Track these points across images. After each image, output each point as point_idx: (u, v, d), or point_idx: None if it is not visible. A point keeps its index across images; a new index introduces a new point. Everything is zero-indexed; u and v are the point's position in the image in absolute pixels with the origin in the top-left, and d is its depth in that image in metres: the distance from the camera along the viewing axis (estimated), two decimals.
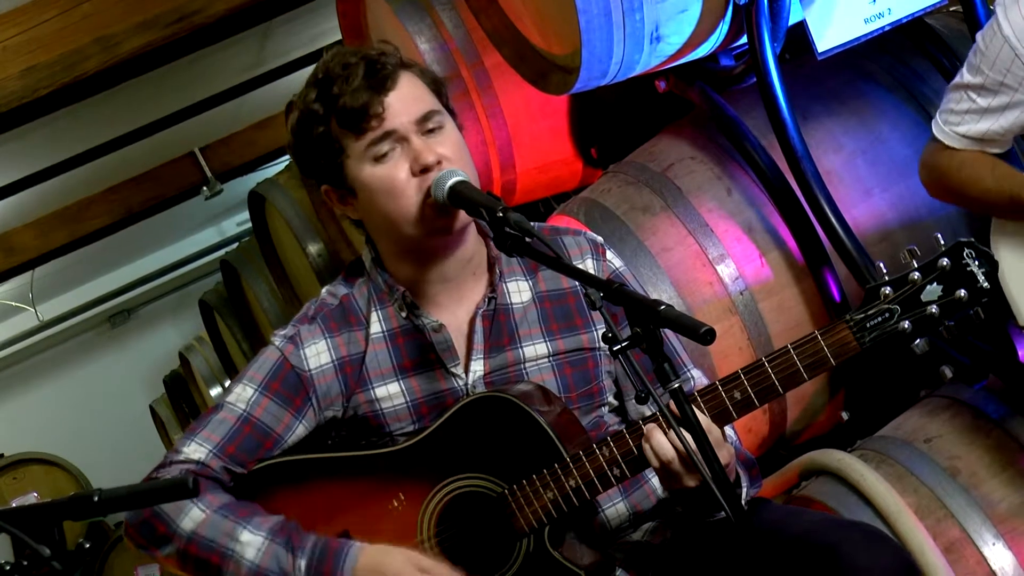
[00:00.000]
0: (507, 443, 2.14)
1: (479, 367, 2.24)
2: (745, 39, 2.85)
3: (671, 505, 2.29)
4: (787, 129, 2.81)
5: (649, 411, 2.13)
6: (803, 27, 2.85)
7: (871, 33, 2.88)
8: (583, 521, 2.22)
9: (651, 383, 1.85)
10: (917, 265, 1.98)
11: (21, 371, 9.76)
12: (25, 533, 1.68)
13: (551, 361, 2.26)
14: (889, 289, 1.99)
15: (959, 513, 2.56)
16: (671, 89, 3.16)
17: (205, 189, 6.79)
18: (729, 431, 2.18)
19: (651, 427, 2.03)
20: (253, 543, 2.13)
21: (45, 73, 3.82)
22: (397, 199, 2.15)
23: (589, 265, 2.30)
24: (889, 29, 2.90)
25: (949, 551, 2.52)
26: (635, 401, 2.02)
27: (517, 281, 2.30)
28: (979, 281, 1.96)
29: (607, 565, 2.20)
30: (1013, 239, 2.47)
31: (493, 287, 2.25)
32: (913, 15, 2.91)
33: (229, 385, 2.32)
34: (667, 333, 2.18)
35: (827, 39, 2.85)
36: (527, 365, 2.25)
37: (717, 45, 2.91)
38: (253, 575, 2.12)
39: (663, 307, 1.81)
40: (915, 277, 1.98)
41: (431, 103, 2.19)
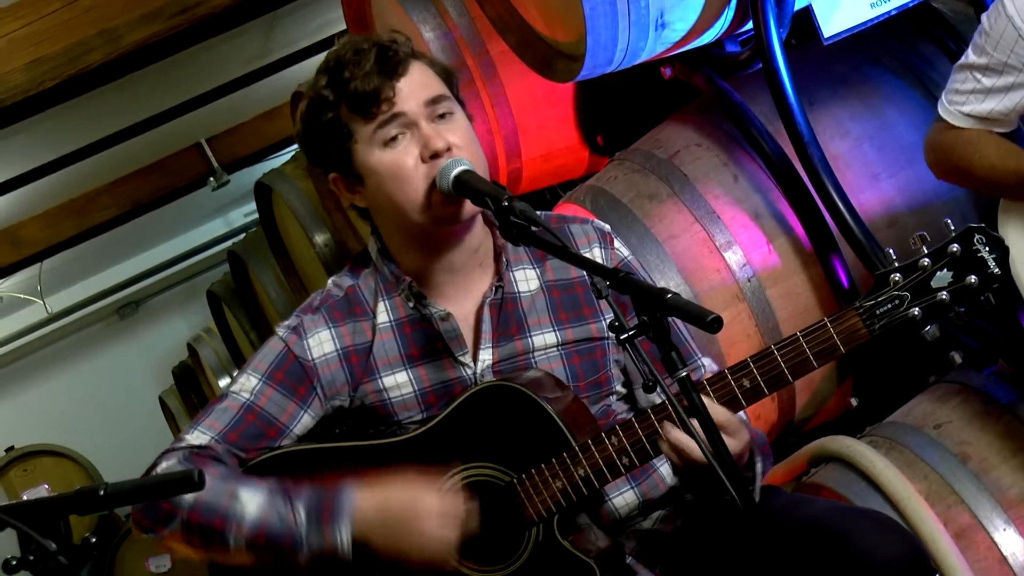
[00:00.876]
0: (516, 432, 2.13)
1: (488, 356, 2.24)
2: (751, 25, 2.84)
3: (681, 493, 2.29)
4: (793, 115, 2.80)
5: (658, 399, 2.12)
6: (809, 12, 2.84)
7: (877, 17, 2.87)
8: (593, 510, 2.22)
9: (660, 372, 1.84)
10: (927, 251, 1.97)
11: (30, 364, 9.76)
12: (31, 528, 1.68)
13: (560, 350, 2.25)
14: (899, 275, 1.98)
15: (969, 499, 2.55)
16: (677, 76, 3.15)
17: (212, 180, 6.80)
18: (740, 414, 2.17)
19: (667, 425, 2.02)
20: (254, 499, 2.11)
21: (50, 66, 3.82)
22: (404, 185, 2.14)
23: (596, 254, 2.29)
24: (895, 13, 2.88)
25: (960, 537, 2.51)
26: (643, 390, 2.01)
27: (524, 270, 2.29)
28: (990, 267, 1.95)
29: (617, 554, 2.19)
30: (1021, 222, 2.47)
31: (500, 276, 2.25)
32: None
33: (235, 375, 2.31)
34: (675, 321, 2.17)
35: (833, 24, 2.84)
36: (536, 354, 2.25)
37: (723, 31, 2.90)
38: (255, 530, 2.10)
39: (670, 295, 1.80)
40: (925, 263, 1.96)
41: (441, 88, 2.19)
